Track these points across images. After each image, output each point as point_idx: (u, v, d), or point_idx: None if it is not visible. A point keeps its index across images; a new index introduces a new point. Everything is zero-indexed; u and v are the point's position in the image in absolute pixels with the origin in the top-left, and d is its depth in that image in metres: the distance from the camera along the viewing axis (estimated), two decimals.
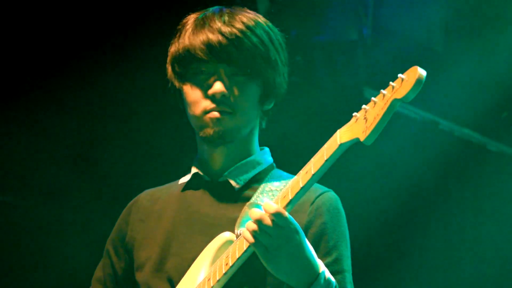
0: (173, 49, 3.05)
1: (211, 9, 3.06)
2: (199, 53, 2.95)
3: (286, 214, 2.62)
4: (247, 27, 2.97)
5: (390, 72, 2.37)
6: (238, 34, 2.94)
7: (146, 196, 3.22)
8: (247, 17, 2.99)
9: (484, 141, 6.09)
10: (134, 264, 3.10)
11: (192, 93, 3.00)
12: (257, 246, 2.64)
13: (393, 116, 6.06)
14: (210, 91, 2.95)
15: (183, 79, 3.03)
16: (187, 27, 3.02)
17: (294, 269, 2.67)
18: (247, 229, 2.64)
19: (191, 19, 3.05)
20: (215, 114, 2.95)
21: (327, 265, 2.83)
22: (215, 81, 2.96)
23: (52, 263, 5.53)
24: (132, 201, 3.23)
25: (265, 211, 2.62)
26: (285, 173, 3.06)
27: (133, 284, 3.08)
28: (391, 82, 2.39)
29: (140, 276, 3.05)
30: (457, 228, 6.04)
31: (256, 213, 2.62)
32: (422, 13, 5.67)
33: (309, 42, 5.57)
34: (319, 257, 2.81)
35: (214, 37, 2.94)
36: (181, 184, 3.15)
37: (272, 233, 2.62)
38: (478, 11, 5.62)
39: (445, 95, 5.79)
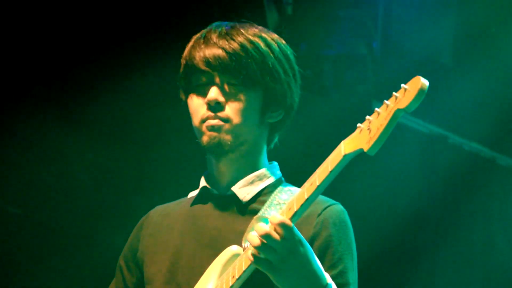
0: (181, 65, 3.10)
1: (214, 24, 3.10)
2: (196, 64, 2.99)
3: (291, 224, 2.62)
4: (245, 38, 2.99)
5: (399, 86, 2.37)
6: (233, 43, 2.97)
7: (156, 211, 3.23)
8: (248, 30, 3.02)
9: (493, 155, 6.09)
10: (144, 279, 3.10)
11: (192, 104, 3.03)
12: (260, 262, 2.64)
13: (403, 129, 6.07)
14: (206, 99, 2.98)
15: (187, 92, 3.07)
16: (190, 42, 3.08)
17: (300, 282, 2.66)
18: (252, 244, 2.64)
19: (196, 35, 3.09)
20: (211, 122, 2.97)
21: (332, 278, 2.81)
22: (210, 89, 2.99)
23: (61, 277, 5.54)
24: (143, 217, 3.24)
25: (271, 222, 2.62)
26: (293, 187, 3.05)
27: None
28: (394, 93, 2.39)
29: None
30: (467, 241, 6.03)
31: (262, 228, 2.62)
32: (431, 27, 5.69)
33: (318, 55, 5.59)
34: (325, 269, 2.80)
35: (209, 48, 2.99)
36: (190, 198, 3.16)
37: (276, 247, 2.61)
38: (487, 25, 5.63)
39: (454, 109, 5.80)
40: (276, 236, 2.60)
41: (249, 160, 3.05)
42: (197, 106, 3.01)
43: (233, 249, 2.88)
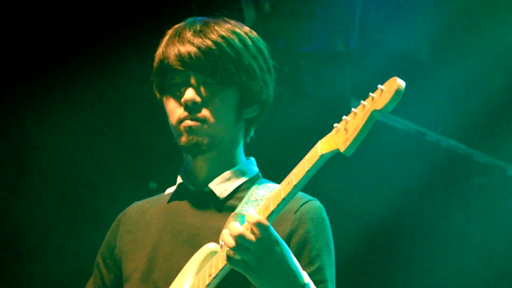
0: (154, 62, 3.07)
1: (188, 20, 3.07)
2: (171, 62, 2.96)
3: (267, 224, 2.61)
4: (219, 35, 2.96)
5: (376, 83, 2.37)
6: (208, 42, 2.95)
7: (134, 208, 3.22)
8: (222, 26, 2.99)
9: (470, 152, 6.11)
10: (122, 276, 3.09)
11: (168, 103, 3.01)
12: (236, 262, 2.64)
13: (380, 127, 6.08)
14: (182, 100, 2.96)
15: (162, 91, 3.05)
16: (164, 39, 3.05)
17: (277, 281, 2.65)
18: (226, 245, 2.63)
19: (169, 31, 3.07)
20: (188, 122, 2.95)
21: (309, 275, 2.81)
22: (186, 89, 2.97)
23: (42, 274, 5.52)
24: (120, 214, 3.23)
25: (247, 221, 2.61)
26: (270, 183, 3.05)
27: None
28: (371, 93, 2.40)
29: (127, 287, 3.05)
30: (444, 238, 6.06)
31: (235, 229, 2.61)
32: (408, 24, 5.70)
33: (296, 52, 5.59)
34: (302, 266, 2.80)
35: (183, 45, 2.95)
36: (167, 195, 3.15)
37: (251, 247, 2.61)
38: (464, 22, 5.65)
39: (431, 106, 5.82)
40: (251, 237, 2.60)
41: (226, 156, 3.05)
42: (173, 105, 2.99)
43: (210, 246, 2.88)
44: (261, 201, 2.91)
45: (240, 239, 2.59)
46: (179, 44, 2.97)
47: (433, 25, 5.73)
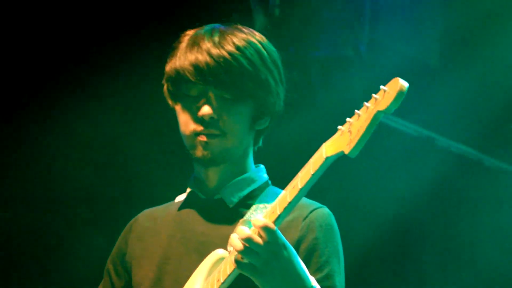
0: (167, 68, 3.03)
1: (205, 27, 3.05)
2: (188, 74, 2.93)
3: (274, 227, 2.61)
4: (237, 48, 2.93)
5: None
6: (227, 56, 2.91)
7: (144, 215, 3.22)
8: (239, 37, 2.96)
9: (480, 157, 6.10)
10: (132, 283, 3.10)
11: (182, 114, 2.99)
12: (244, 266, 2.64)
13: (390, 132, 6.06)
14: (199, 114, 2.94)
15: (175, 99, 3.02)
16: (180, 46, 3.01)
17: (284, 285, 2.65)
18: (234, 248, 2.63)
19: (185, 37, 3.04)
20: (204, 137, 2.94)
21: (318, 281, 2.81)
22: (203, 103, 2.94)
23: (54, 279, 5.53)
24: (132, 220, 3.23)
25: (254, 225, 2.61)
26: (280, 191, 3.04)
27: None
28: (373, 95, 2.40)
29: None
30: (454, 243, 6.04)
31: (243, 232, 2.61)
32: (418, 29, 5.69)
33: (305, 57, 5.59)
34: (311, 272, 2.80)
35: (202, 58, 2.92)
36: (177, 202, 3.15)
37: (259, 250, 2.61)
38: (474, 27, 5.64)
39: (441, 111, 5.81)
40: (259, 240, 2.60)
41: (237, 166, 3.05)
42: (187, 117, 2.97)
43: (219, 252, 2.88)
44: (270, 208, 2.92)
45: (248, 242, 2.59)
46: (198, 56, 2.93)
47: (443, 30, 5.73)
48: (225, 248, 2.88)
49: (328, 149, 2.51)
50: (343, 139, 2.46)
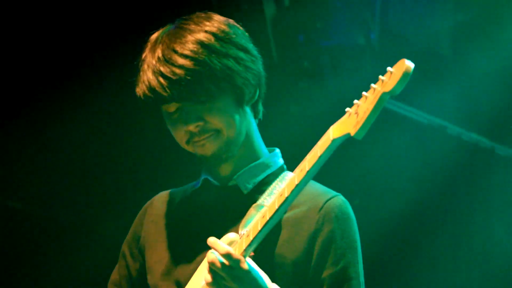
0: (137, 92, 3.01)
1: (155, 37, 3.01)
2: (151, 99, 2.92)
3: (237, 256, 2.67)
4: (183, 56, 2.89)
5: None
6: (176, 70, 2.88)
7: (160, 198, 3.22)
8: (183, 41, 2.92)
9: (492, 145, 6.08)
10: (145, 265, 3.11)
11: (172, 129, 2.99)
12: (213, 285, 2.71)
13: (402, 120, 6.05)
14: (185, 128, 2.93)
15: (157, 111, 3.02)
16: (141, 65, 2.98)
17: None
18: (207, 270, 2.71)
19: (143, 54, 3.01)
20: (198, 143, 2.95)
21: (334, 275, 2.86)
22: (184, 118, 2.93)
23: (64, 269, 5.55)
24: (147, 203, 3.24)
25: (217, 251, 2.68)
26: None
27: (147, 286, 3.09)
28: (380, 76, 2.40)
29: (150, 279, 3.07)
30: (466, 232, 6.03)
31: (209, 256, 2.68)
32: (429, 17, 5.68)
33: (316, 46, 5.58)
34: (327, 266, 2.85)
35: (154, 82, 2.89)
36: (192, 187, 3.16)
37: (224, 274, 2.68)
38: (486, 15, 5.62)
39: (453, 99, 5.79)
40: (218, 265, 2.68)
41: (247, 151, 3.05)
42: (177, 131, 2.98)
43: (230, 236, 2.87)
44: None
45: (212, 265, 2.69)
46: (150, 80, 2.90)
47: (454, 18, 5.71)
48: (237, 232, 2.89)
49: (335, 131, 2.53)
50: (350, 121, 2.47)
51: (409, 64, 2.33)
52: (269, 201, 2.88)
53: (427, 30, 5.71)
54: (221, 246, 2.66)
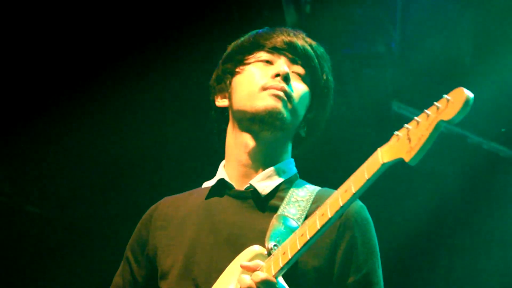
0: (231, 47, 3.20)
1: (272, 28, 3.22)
2: (275, 44, 3.10)
3: (274, 280, 2.68)
4: (311, 40, 3.19)
5: (418, 86, 2.36)
6: (306, 40, 3.15)
7: (166, 203, 3.21)
8: (308, 38, 3.19)
9: None
10: (158, 272, 3.09)
11: (251, 72, 3.09)
12: None
13: None
14: (276, 71, 3.05)
15: (242, 64, 3.13)
16: (251, 33, 3.19)
17: None
18: None
19: (251, 34, 3.20)
20: (276, 92, 3.03)
21: (357, 282, 2.87)
22: (280, 65, 3.07)
23: (79, 273, 5.57)
24: (151, 208, 3.22)
25: (253, 280, 2.68)
26: (308, 184, 3.06)
27: None
28: (435, 103, 2.35)
29: (164, 284, 3.04)
30: (485, 240, 6.01)
31: (246, 282, 2.69)
32: (449, 26, 5.67)
33: (337, 54, 5.58)
34: (349, 273, 2.87)
35: (298, 38, 3.13)
36: (204, 189, 3.14)
37: None
38: (506, 24, 5.61)
39: (473, 108, 5.77)
40: None
41: (276, 148, 3.07)
42: (257, 74, 3.08)
43: (255, 249, 2.86)
44: (301, 202, 2.92)
45: None
46: (280, 33, 3.13)
47: (475, 27, 5.70)
48: (260, 243, 2.87)
49: (384, 155, 2.48)
50: (401, 146, 2.42)
51: (468, 94, 2.30)
52: (290, 211, 2.89)
53: (448, 38, 5.70)
54: (259, 276, 2.67)
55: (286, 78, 3.03)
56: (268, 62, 3.09)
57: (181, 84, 5.24)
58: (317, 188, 3.00)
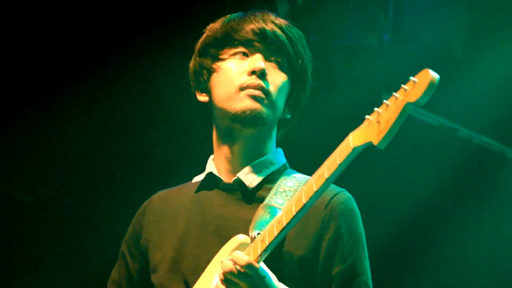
0: (205, 37, 3.13)
1: (239, 12, 3.15)
2: (244, 34, 3.04)
3: (257, 265, 2.68)
4: (282, 23, 3.09)
5: (409, 78, 2.35)
6: (277, 25, 3.07)
7: (159, 197, 3.22)
8: (278, 19, 3.10)
9: (502, 148, 6.07)
10: (149, 266, 3.10)
11: (228, 70, 3.06)
12: None
13: (412, 122, 6.05)
14: (252, 68, 3.01)
15: (217, 60, 3.09)
16: (224, 21, 3.11)
17: None
18: (219, 277, 2.72)
19: (220, 20, 3.14)
20: (253, 92, 3.00)
21: (342, 272, 2.87)
22: (256, 60, 3.03)
23: (69, 264, 5.55)
24: (145, 203, 3.24)
25: (236, 263, 2.68)
26: (298, 174, 3.06)
27: (149, 286, 3.09)
28: (403, 85, 2.37)
29: (155, 278, 3.05)
30: (475, 234, 6.03)
31: (226, 265, 2.69)
32: (441, 19, 5.67)
33: (329, 46, 5.57)
34: (335, 263, 2.87)
35: (267, 24, 3.05)
36: (194, 183, 3.16)
37: (241, 283, 2.69)
38: (498, 17, 5.61)
39: (464, 102, 5.78)
40: (237, 274, 2.69)
41: (262, 141, 3.07)
42: (233, 72, 3.04)
43: (240, 238, 2.88)
44: (289, 192, 2.93)
45: (231, 274, 2.69)
46: (251, 21, 3.06)
47: (467, 20, 5.70)
48: (245, 232, 2.89)
49: (355, 139, 2.50)
50: (371, 130, 2.44)
51: (434, 75, 2.30)
52: (277, 201, 2.89)
53: (439, 32, 5.70)
54: (242, 258, 2.67)
55: (262, 74, 3.00)
56: (244, 54, 3.05)
57: (173, 77, 5.22)
58: (307, 177, 3.00)
